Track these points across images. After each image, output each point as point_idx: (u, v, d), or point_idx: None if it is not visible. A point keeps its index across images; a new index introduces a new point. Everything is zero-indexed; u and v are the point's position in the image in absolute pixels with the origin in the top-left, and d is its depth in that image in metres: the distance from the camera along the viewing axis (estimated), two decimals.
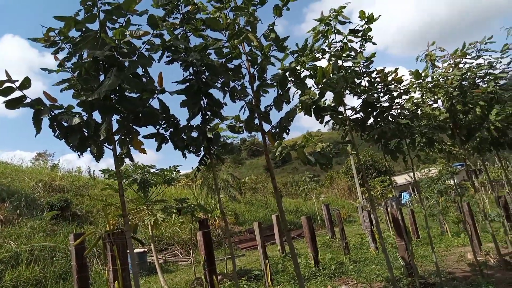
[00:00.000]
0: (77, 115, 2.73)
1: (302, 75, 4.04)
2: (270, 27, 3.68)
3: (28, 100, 2.61)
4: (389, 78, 5.01)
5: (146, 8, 2.90)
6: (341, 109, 4.74)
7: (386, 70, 5.02)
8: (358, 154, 5.00)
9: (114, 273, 4.23)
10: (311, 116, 4.29)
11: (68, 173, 18.11)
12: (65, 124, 2.70)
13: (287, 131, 3.88)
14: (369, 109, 4.95)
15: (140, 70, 3.00)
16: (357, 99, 4.91)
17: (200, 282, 7.30)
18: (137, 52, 2.92)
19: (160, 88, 3.13)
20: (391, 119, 5.10)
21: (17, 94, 2.60)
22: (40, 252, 9.45)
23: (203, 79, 3.47)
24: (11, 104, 2.56)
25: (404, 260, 6.11)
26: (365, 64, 4.81)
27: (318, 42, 4.52)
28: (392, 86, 5.03)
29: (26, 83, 2.55)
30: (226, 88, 3.67)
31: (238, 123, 4.14)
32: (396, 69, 5.03)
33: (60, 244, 10.17)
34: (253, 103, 3.77)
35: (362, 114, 5.00)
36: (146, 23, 2.97)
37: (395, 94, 5.08)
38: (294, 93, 4.12)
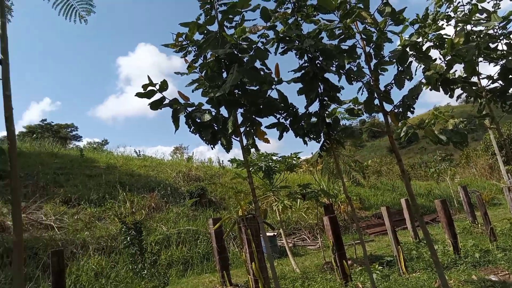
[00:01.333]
0: (207, 112, 3.02)
1: (425, 47, 3.71)
2: (384, 1, 3.46)
3: (167, 101, 3.00)
4: None
5: (258, 3, 3.03)
6: (474, 79, 4.20)
7: None
8: (499, 128, 4.37)
9: (250, 255, 4.58)
10: (438, 91, 3.91)
11: (202, 164, 20.03)
12: (198, 121, 3.02)
13: (412, 109, 3.62)
14: (510, 76, 4.27)
15: (257, 63, 3.15)
16: (494, 65, 4.28)
17: (330, 266, 7.37)
18: (253, 46, 3.07)
19: (278, 79, 3.24)
20: None
21: (157, 96, 3.00)
22: (185, 234, 10.72)
23: (318, 65, 3.47)
24: (155, 105, 2.97)
25: None
26: (501, 25, 4.16)
27: (441, 8, 4.08)
28: None
29: (164, 86, 2.93)
30: (341, 71, 3.59)
31: (356, 105, 4.02)
32: None
33: (200, 227, 11.37)
34: (371, 83, 3.61)
35: (501, 83, 4.34)
36: (259, 16, 3.10)
37: None
38: (416, 67, 3.82)
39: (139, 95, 2.91)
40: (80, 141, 42.56)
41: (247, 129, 3.29)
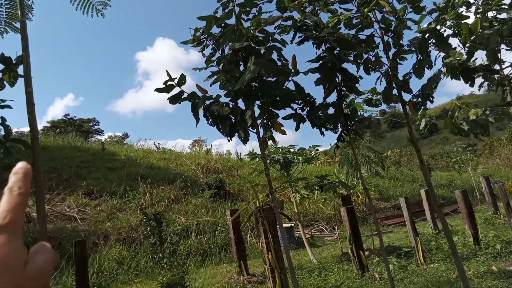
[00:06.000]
0: (224, 105, 3.05)
1: (445, 34, 3.62)
2: None
3: (185, 95, 3.04)
4: None
5: None
6: (497, 67, 4.09)
7: None
8: None
9: (267, 245, 4.63)
10: (459, 79, 3.82)
11: (220, 156, 20.19)
12: (216, 113, 3.05)
13: (431, 99, 3.57)
14: None
15: (274, 55, 3.16)
16: None
17: (347, 257, 7.37)
18: (270, 38, 3.07)
19: (295, 70, 3.23)
20: None
21: (176, 90, 3.04)
22: (204, 225, 10.88)
23: (336, 55, 3.45)
24: (174, 100, 3.01)
25: None
26: None
27: None
28: None
29: (182, 80, 2.97)
30: (359, 61, 3.56)
31: (375, 96, 3.99)
32: None
33: (219, 219, 11.51)
34: (390, 73, 3.57)
35: None
36: (275, 8, 3.09)
37: None
38: (436, 56, 3.74)
39: (158, 90, 2.96)
40: (101, 135, 43.53)
41: (264, 121, 3.30)
